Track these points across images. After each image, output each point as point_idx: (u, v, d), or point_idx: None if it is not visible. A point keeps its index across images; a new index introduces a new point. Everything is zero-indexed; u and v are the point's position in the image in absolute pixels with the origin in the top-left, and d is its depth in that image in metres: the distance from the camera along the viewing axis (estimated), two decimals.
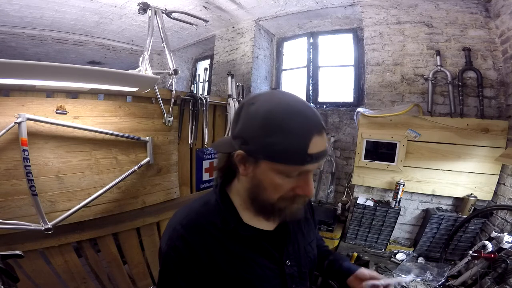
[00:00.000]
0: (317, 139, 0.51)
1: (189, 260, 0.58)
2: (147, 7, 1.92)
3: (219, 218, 0.61)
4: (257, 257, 0.62)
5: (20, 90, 1.48)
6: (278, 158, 0.51)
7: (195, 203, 0.68)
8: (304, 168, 0.52)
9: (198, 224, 0.61)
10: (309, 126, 0.51)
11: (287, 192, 0.56)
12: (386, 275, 1.85)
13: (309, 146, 0.50)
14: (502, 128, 1.95)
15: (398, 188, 2.18)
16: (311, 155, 0.50)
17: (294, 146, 0.50)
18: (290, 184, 0.55)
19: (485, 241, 1.65)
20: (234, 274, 0.59)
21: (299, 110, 0.53)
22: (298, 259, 0.69)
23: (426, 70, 2.22)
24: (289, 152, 0.50)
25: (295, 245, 0.69)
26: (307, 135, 0.51)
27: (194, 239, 0.59)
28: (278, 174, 0.54)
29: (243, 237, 0.61)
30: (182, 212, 0.66)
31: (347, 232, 2.41)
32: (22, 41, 3.39)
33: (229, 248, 0.60)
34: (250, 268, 0.61)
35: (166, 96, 2.09)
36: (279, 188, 0.55)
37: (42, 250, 1.60)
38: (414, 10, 2.27)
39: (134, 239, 2.07)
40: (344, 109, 2.90)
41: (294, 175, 0.54)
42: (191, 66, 4.53)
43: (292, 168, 0.52)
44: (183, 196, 2.33)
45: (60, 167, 1.62)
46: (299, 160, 0.51)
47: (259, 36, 3.20)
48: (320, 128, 0.53)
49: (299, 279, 0.69)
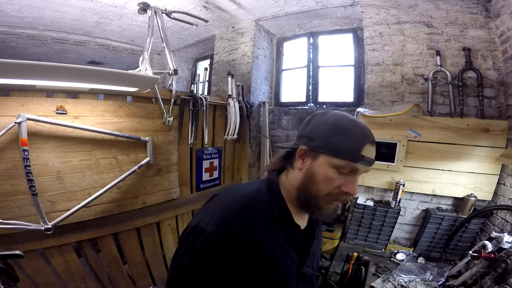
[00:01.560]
0: (369, 146, 0.64)
1: (238, 243, 0.60)
2: (147, 7, 1.92)
3: (273, 205, 0.67)
4: (291, 249, 0.69)
5: (20, 90, 1.48)
6: (337, 152, 0.62)
7: (248, 187, 0.72)
8: (355, 165, 0.62)
9: (255, 206, 0.65)
10: (365, 135, 0.65)
11: (335, 188, 0.64)
12: (386, 275, 1.85)
13: (362, 149, 0.62)
14: (502, 128, 1.95)
15: (398, 188, 2.18)
16: (363, 156, 0.62)
17: (351, 145, 0.62)
18: (339, 181, 0.63)
19: (485, 241, 1.65)
20: (271, 260, 0.64)
21: (360, 124, 0.67)
22: (312, 261, 0.76)
23: (426, 70, 2.22)
24: (346, 149, 0.62)
25: (314, 248, 0.76)
26: (363, 140, 0.63)
27: (249, 223, 0.62)
28: (332, 168, 0.63)
29: (288, 227, 0.68)
30: (237, 192, 0.70)
31: (347, 232, 2.41)
32: (22, 41, 3.39)
33: (275, 236, 0.65)
34: (284, 260, 0.66)
35: (166, 96, 2.09)
36: (330, 181, 0.63)
37: (42, 250, 1.60)
38: (414, 10, 2.27)
39: (134, 239, 2.07)
40: (344, 109, 2.89)
41: (345, 172, 0.63)
42: (191, 66, 4.53)
43: (346, 163, 0.62)
44: (183, 196, 2.34)
45: (60, 167, 1.62)
46: (353, 157, 0.62)
47: (259, 36, 3.20)
48: (373, 140, 0.65)
49: (308, 280, 0.75)
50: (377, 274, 1.90)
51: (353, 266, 2.07)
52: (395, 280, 1.78)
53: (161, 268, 2.26)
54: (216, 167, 2.70)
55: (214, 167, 2.68)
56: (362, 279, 1.92)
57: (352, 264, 2.09)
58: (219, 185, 2.75)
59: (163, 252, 2.28)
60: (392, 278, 1.80)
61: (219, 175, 2.74)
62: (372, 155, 0.64)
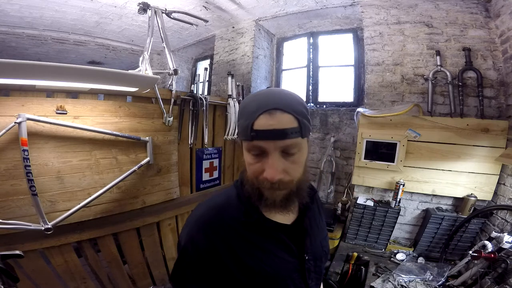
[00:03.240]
0: (263, 117, 0.55)
1: (206, 254, 0.60)
2: (147, 7, 1.92)
3: (241, 211, 0.64)
4: (277, 250, 0.64)
5: (20, 90, 1.48)
6: (240, 135, 0.61)
7: (217, 198, 0.70)
8: (254, 144, 0.57)
9: (220, 218, 0.63)
10: (260, 105, 0.56)
11: (258, 173, 0.59)
12: (386, 275, 1.85)
13: (254, 123, 0.56)
14: (502, 128, 1.95)
15: (398, 188, 2.18)
16: (255, 130, 0.55)
17: (245, 123, 0.57)
18: (258, 165, 0.59)
19: (485, 241, 1.65)
20: (256, 266, 0.61)
21: (259, 96, 0.59)
22: (314, 253, 0.71)
23: (426, 70, 2.22)
24: (242, 128, 0.59)
25: (312, 239, 0.71)
26: (255, 113, 0.56)
27: (215, 234, 0.61)
28: (246, 152, 0.60)
29: (264, 229, 0.64)
30: (204, 206, 0.68)
31: (347, 232, 2.41)
32: (22, 41, 3.39)
33: (251, 241, 0.62)
34: (270, 261, 0.63)
35: (166, 96, 2.09)
36: (250, 167, 0.60)
37: (42, 250, 1.60)
38: (414, 10, 2.27)
39: (134, 239, 2.07)
40: (344, 109, 2.90)
41: (258, 154, 0.58)
42: (191, 66, 4.53)
43: (247, 143, 0.59)
44: (183, 196, 2.34)
45: (60, 167, 1.62)
46: (248, 135, 0.57)
47: (259, 36, 3.20)
48: (267, 107, 0.56)
49: (315, 273, 0.71)
50: (377, 274, 1.90)
51: (353, 266, 2.07)
52: (395, 280, 1.78)
53: (161, 268, 2.26)
54: (216, 167, 2.70)
55: (214, 167, 2.68)
56: (362, 279, 1.92)
57: (352, 264, 2.09)
58: (219, 185, 2.75)
59: (163, 252, 2.28)
60: (392, 278, 1.80)
61: (219, 175, 2.74)
62: (269, 125, 0.55)
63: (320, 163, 2.91)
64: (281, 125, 0.55)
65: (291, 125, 0.56)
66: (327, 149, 2.88)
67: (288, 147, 0.56)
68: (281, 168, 0.57)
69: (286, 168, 0.58)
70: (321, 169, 2.89)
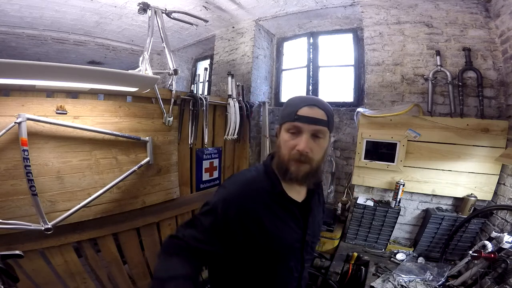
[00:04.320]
0: (306, 108, 0.77)
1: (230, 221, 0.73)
2: (147, 7, 1.92)
3: (269, 184, 0.80)
4: (290, 221, 0.82)
5: (20, 90, 1.48)
6: (283, 119, 0.80)
7: (248, 172, 0.87)
8: (294, 124, 0.76)
9: (251, 189, 0.79)
10: (303, 101, 0.79)
11: (291, 149, 0.76)
12: (386, 275, 1.85)
13: (298, 111, 0.77)
14: (502, 128, 1.95)
15: (398, 188, 2.18)
16: (298, 115, 0.76)
17: (290, 110, 0.78)
18: (293, 141, 0.76)
19: (485, 241, 1.65)
20: (274, 231, 0.77)
21: (302, 96, 0.84)
22: (313, 230, 0.88)
23: (426, 70, 2.22)
24: (287, 114, 0.79)
25: (314, 219, 0.88)
26: (299, 104, 0.78)
27: (245, 205, 0.76)
28: (285, 132, 0.79)
29: (284, 201, 0.80)
30: (238, 179, 0.84)
31: (347, 232, 2.41)
32: (22, 41, 3.39)
33: (273, 210, 0.78)
34: (285, 228, 0.80)
35: (166, 96, 2.09)
36: (286, 143, 0.78)
37: (42, 250, 1.60)
38: (414, 10, 2.27)
39: (134, 239, 2.07)
40: (344, 109, 2.90)
41: (294, 132, 0.77)
42: (191, 66, 4.53)
43: (288, 124, 0.78)
44: (183, 196, 2.34)
45: (60, 167, 1.62)
46: (291, 118, 0.77)
47: (259, 36, 3.20)
48: (310, 104, 0.78)
49: (310, 249, 0.89)
50: (377, 274, 1.90)
51: (353, 266, 2.07)
52: (395, 280, 1.78)
53: None
54: (216, 167, 2.70)
55: (214, 167, 2.68)
56: (362, 279, 1.92)
57: (352, 264, 2.09)
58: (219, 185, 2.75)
59: None
60: (392, 278, 1.80)
61: (219, 175, 2.74)
62: (309, 113, 0.76)
63: None
64: (316, 115, 0.77)
65: (323, 117, 0.77)
66: (327, 149, 2.87)
67: (317, 132, 0.76)
68: (310, 145, 0.75)
69: (312, 147, 0.76)
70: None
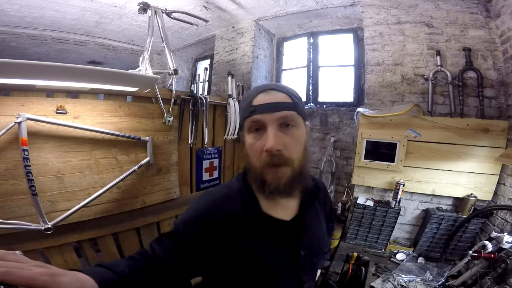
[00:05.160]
0: (261, 95, 0.62)
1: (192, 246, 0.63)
2: (147, 7, 1.92)
3: (241, 204, 0.65)
4: (273, 244, 0.66)
5: (20, 90, 1.48)
6: (241, 117, 0.67)
7: (219, 190, 0.72)
8: (253, 119, 0.61)
9: (219, 211, 0.65)
10: (257, 88, 0.65)
11: (260, 151, 0.60)
12: (386, 275, 1.85)
13: (253, 101, 0.62)
14: (502, 128, 1.95)
15: (398, 188, 2.18)
16: (254, 106, 0.61)
17: (245, 103, 0.65)
18: (259, 142, 0.61)
19: (485, 241, 1.65)
20: (251, 258, 0.64)
21: (258, 85, 0.71)
22: (311, 250, 0.72)
23: (426, 70, 2.22)
24: (243, 110, 0.65)
25: (311, 235, 0.72)
26: (253, 93, 0.64)
27: (210, 228, 0.63)
28: (248, 133, 0.64)
29: (261, 224, 0.65)
30: (206, 197, 0.70)
31: (347, 232, 2.41)
32: (22, 41, 3.39)
33: (248, 234, 0.64)
34: (268, 254, 0.65)
35: (166, 96, 2.09)
36: (252, 148, 0.62)
37: (42, 250, 1.60)
38: (414, 10, 2.27)
39: (134, 239, 2.07)
40: (344, 109, 2.90)
41: (257, 131, 0.62)
42: (191, 66, 4.53)
43: (247, 122, 0.63)
44: (183, 196, 2.33)
45: (60, 167, 1.62)
46: (248, 112, 0.62)
47: (259, 36, 3.20)
48: (264, 89, 0.64)
49: (309, 269, 0.73)
50: (377, 274, 1.90)
51: (353, 266, 2.07)
52: (395, 280, 1.78)
53: None
54: (216, 167, 2.70)
55: (214, 167, 2.68)
56: (362, 279, 1.92)
57: (352, 264, 2.09)
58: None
59: None
60: (392, 278, 1.80)
61: (219, 175, 2.74)
62: (266, 100, 0.61)
63: (320, 163, 2.91)
64: (276, 99, 0.61)
65: (285, 100, 0.62)
66: (327, 149, 2.88)
67: (284, 119, 0.60)
68: (280, 140, 0.59)
69: (285, 142, 0.60)
70: (321, 169, 2.88)
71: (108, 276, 0.53)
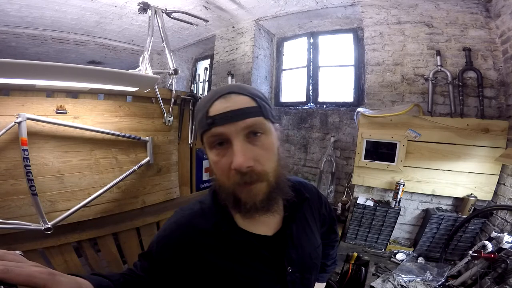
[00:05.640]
0: (218, 102, 0.53)
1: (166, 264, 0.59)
2: (147, 6, 1.92)
3: (212, 221, 0.60)
4: (253, 261, 0.60)
5: (20, 90, 1.48)
6: (198, 131, 0.57)
7: (193, 206, 0.67)
8: (212, 131, 0.52)
9: (191, 230, 0.60)
10: (213, 94, 0.54)
11: (226, 170, 0.53)
12: (386, 275, 1.85)
13: (209, 111, 0.53)
14: (502, 128, 1.95)
15: (398, 188, 2.18)
16: (211, 117, 0.52)
17: (200, 115, 0.55)
18: (224, 159, 0.53)
19: (485, 241, 1.65)
20: (230, 277, 0.58)
21: (213, 90, 0.56)
22: (301, 265, 0.65)
23: (426, 70, 2.22)
24: (199, 122, 0.56)
25: (299, 250, 0.65)
26: (208, 102, 0.54)
27: (183, 247, 0.59)
28: (209, 149, 0.55)
29: (237, 241, 0.59)
30: (179, 215, 0.66)
31: (347, 232, 2.41)
32: (22, 40, 3.39)
33: (224, 252, 0.59)
34: (247, 272, 0.59)
35: (166, 96, 2.09)
36: (217, 166, 0.54)
37: (42, 250, 1.60)
38: (415, 10, 2.27)
39: (134, 239, 2.07)
40: (344, 109, 2.90)
41: (220, 147, 0.53)
42: (191, 66, 4.53)
43: (207, 137, 0.54)
44: (183, 196, 2.34)
45: (60, 166, 1.62)
46: (205, 125, 0.53)
47: (259, 36, 3.20)
48: (222, 93, 0.53)
49: (301, 285, 0.66)
50: (377, 274, 1.90)
51: (353, 266, 2.07)
52: (395, 280, 1.78)
53: None
54: None
55: None
56: (362, 279, 1.92)
57: (352, 264, 2.09)
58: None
59: None
60: (392, 278, 1.80)
61: None
62: (225, 108, 0.51)
63: (320, 163, 2.91)
64: (238, 105, 0.52)
65: (249, 104, 0.53)
66: (327, 149, 2.88)
67: (250, 128, 0.52)
68: (250, 154, 0.51)
69: (256, 155, 0.51)
70: (321, 169, 2.88)
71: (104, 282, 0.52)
